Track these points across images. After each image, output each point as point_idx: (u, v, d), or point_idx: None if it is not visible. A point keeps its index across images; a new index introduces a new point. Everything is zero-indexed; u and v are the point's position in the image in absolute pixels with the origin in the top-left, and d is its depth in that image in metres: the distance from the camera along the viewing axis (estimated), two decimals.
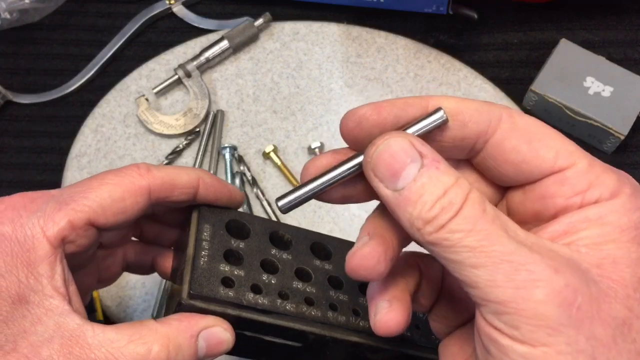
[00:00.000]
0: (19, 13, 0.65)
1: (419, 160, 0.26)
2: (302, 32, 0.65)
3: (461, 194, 0.25)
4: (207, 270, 0.35)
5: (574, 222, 0.26)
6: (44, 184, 0.61)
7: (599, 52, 0.61)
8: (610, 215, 0.26)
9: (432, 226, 0.25)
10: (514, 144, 0.28)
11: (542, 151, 0.27)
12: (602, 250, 0.25)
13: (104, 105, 0.63)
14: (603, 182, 0.27)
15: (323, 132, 0.61)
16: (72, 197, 0.32)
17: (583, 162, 0.27)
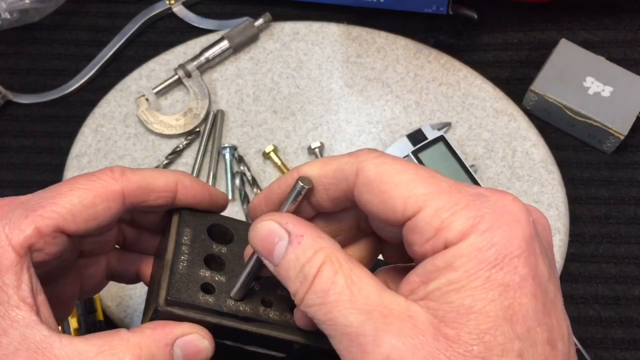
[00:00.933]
0: (19, 13, 0.65)
1: (286, 237, 0.28)
2: (302, 32, 0.65)
3: (314, 267, 0.27)
4: (186, 276, 0.33)
5: (427, 272, 0.26)
6: (44, 184, 0.60)
7: (598, 52, 0.61)
8: (457, 260, 0.26)
9: (296, 299, 0.28)
10: (367, 199, 0.28)
11: (389, 203, 0.27)
12: (448, 301, 0.26)
13: (104, 105, 0.63)
14: (451, 225, 0.26)
15: (323, 132, 0.61)
16: (40, 203, 0.31)
17: (429, 208, 0.26)
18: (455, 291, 0.25)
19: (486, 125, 0.60)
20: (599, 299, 0.55)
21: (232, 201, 0.58)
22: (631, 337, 0.53)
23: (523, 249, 0.26)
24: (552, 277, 0.27)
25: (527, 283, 0.26)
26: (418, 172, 0.28)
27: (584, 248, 0.57)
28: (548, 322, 0.26)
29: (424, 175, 0.28)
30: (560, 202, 0.57)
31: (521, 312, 0.25)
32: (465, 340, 0.25)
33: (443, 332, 0.25)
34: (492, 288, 0.25)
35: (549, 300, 0.26)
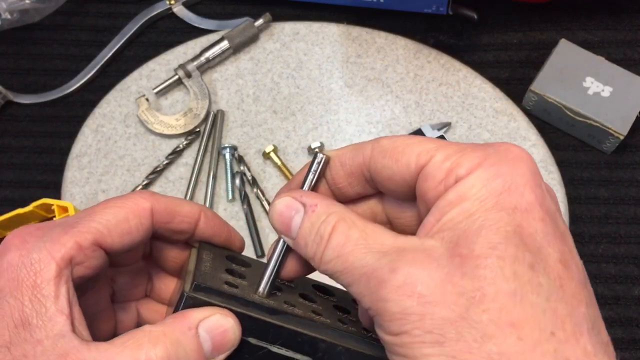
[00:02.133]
0: (20, 13, 0.65)
1: (302, 210, 0.30)
2: (302, 32, 0.65)
3: (329, 226, 0.29)
4: (210, 274, 0.34)
5: (440, 207, 0.28)
6: (44, 184, 0.61)
7: (598, 52, 0.61)
8: (468, 190, 0.27)
9: (315, 263, 0.29)
10: (382, 164, 0.30)
11: (404, 160, 0.29)
12: (461, 227, 0.27)
13: (105, 106, 0.63)
14: (460, 164, 0.28)
15: (323, 132, 0.61)
16: (78, 221, 0.33)
17: (440, 154, 0.28)
18: (468, 217, 0.27)
19: (486, 125, 0.60)
20: (598, 299, 0.54)
21: (232, 201, 0.58)
22: (631, 337, 0.53)
23: (528, 179, 0.27)
24: (561, 217, 0.28)
25: (534, 207, 0.27)
26: (426, 137, 0.30)
27: (584, 248, 0.57)
28: (559, 245, 0.27)
29: (432, 139, 0.30)
30: (560, 202, 0.57)
31: (530, 231, 0.26)
32: (478, 254, 0.26)
33: (458, 252, 0.26)
34: (502, 209, 0.26)
35: (559, 229, 0.27)
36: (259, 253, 0.56)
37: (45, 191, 0.61)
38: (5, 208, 0.58)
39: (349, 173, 0.32)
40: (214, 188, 0.59)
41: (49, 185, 0.61)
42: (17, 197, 0.60)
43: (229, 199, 0.58)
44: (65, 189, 0.60)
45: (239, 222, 0.58)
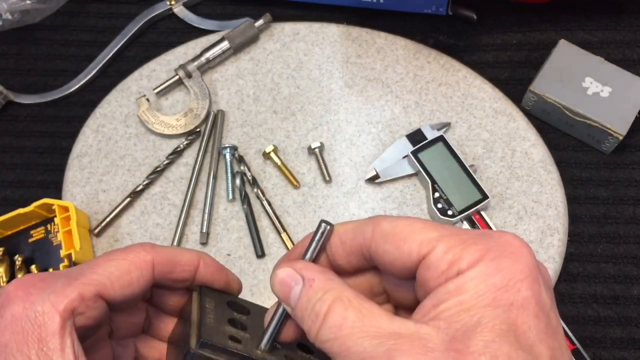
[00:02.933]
0: (21, 14, 0.65)
1: (301, 282, 0.31)
2: (302, 32, 0.65)
3: (325, 306, 0.30)
4: (215, 328, 0.35)
5: (439, 295, 0.29)
6: (45, 184, 0.61)
7: (597, 52, 0.61)
8: (467, 283, 0.28)
9: (311, 337, 0.30)
10: (384, 249, 0.31)
11: (406, 247, 0.30)
12: (458, 320, 0.28)
13: (105, 106, 0.63)
14: (462, 257, 0.29)
15: (323, 132, 0.61)
16: (81, 272, 0.34)
17: (442, 245, 0.29)
18: (465, 311, 0.28)
19: (485, 126, 0.60)
20: (597, 299, 0.55)
21: (232, 201, 0.59)
22: (630, 337, 0.54)
23: (526, 275, 0.28)
24: (554, 310, 0.29)
25: (530, 304, 0.28)
26: (426, 223, 0.31)
27: (583, 248, 0.57)
28: (551, 342, 0.28)
29: (433, 224, 0.31)
30: (559, 202, 0.57)
31: (524, 328, 0.28)
32: (473, 351, 0.27)
33: (453, 347, 0.27)
34: (499, 306, 0.28)
35: (551, 325, 0.29)
36: (259, 253, 0.56)
37: (46, 191, 0.61)
38: (6, 208, 0.58)
39: (349, 252, 0.33)
40: (214, 188, 0.59)
41: (50, 185, 0.61)
42: (18, 197, 0.61)
43: (229, 199, 0.58)
44: (66, 189, 0.60)
45: (239, 222, 0.58)
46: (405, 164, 0.59)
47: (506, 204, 0.57)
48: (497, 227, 0.56)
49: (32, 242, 0.57)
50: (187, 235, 0.57)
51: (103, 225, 0.57)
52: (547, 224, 0.56)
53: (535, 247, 0.56)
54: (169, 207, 0.59)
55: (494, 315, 0.27)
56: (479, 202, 0.56)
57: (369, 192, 0.59)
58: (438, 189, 0.57)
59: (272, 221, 0.57)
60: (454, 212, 0.56)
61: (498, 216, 0.57)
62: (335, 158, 0.60)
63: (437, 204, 0.56)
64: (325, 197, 0.59)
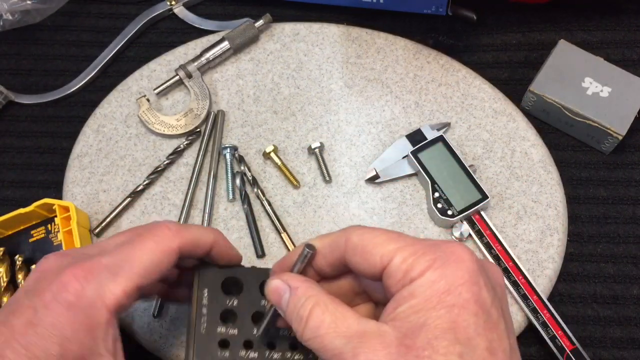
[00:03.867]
0: (21, 14, 0.65)
1: (288, 290, 0.38)
2: (302, 33, 0.65)
3: (306, 310, 0.36)
4: (206, 336, 0.42)
5: (396, 299, 0.34)
6: (45, 184, 0.61)
7: (597, 52, 0.61)
8: (417, 289, 0.34)
9: (298, 336, 0.36)
10: (354, 260, 0.37)
11: (371, 260, 0.36)
12: (410, 320, 0.33)
13: (106, 106, 0.63)
14: (413, 267, 0.34)
15: (323, 132, 0.61)
16: (122, 267, 0.39)
17: (398, 257, 0.35)
18: (415, 313, 0.33)
19: (485, 126, 0.61)
20: (597, 299, 0.55)
21: (232, 201, 0.59)
22: (629, 336, 0.54)
23: (466, 279, 0.34)
24: (496, 306, 0.34)
25: (469, 304, 0.33)
26: (388, 234, 0.36)
27: (583, 248, 0.57)
28: (489, 335, 0.33)
29: (393, 236, 0.36)
30: (559, 202, 0.57)
31: (462, 325, 0.33)
32: (419, 346, 0.32)
33: (404, 343, 0.33)
34: (441, 308, 0.33)
35: (490, 320, 0.34)
36: (259, 253, 0.56)
37: (46, 191, 0.61)
38: (6, 208, 0.58)
39: (329, 263, 0.39)
40: (214, 188, 0.59)
41: (50, 185, 0.61)
42: (19, 197, 0.61)
43: (230, 198, 0.58)
44: (66, 189, 0.60)
45: (239, 222, 0.58)
46: (405, 164, 0.59)
47: (506, 204, 0.58)
48: (497, 227, 0.56)
49: (33, 242, 0.57)
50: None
51: (103, 225, 0.58)
52: (547, 224, 0.57)
53: (535, 247, 0.56)
54: (169, 207, 0.59)
55: (437, 316, 0.33)
56: (478, 202, 0.56)
57: (369, 192, 0.59)
58: (438, 189, 0.57)
59: (272, 221, 0.57)
60: (454, 212, 0.56)
61: (498, 216, 0.57)
62: (335, 158, 0.60)
63: (437, 203, 0.56)
64: (325, 197, 0.59)
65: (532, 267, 0.55)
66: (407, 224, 0.57)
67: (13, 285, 0.55)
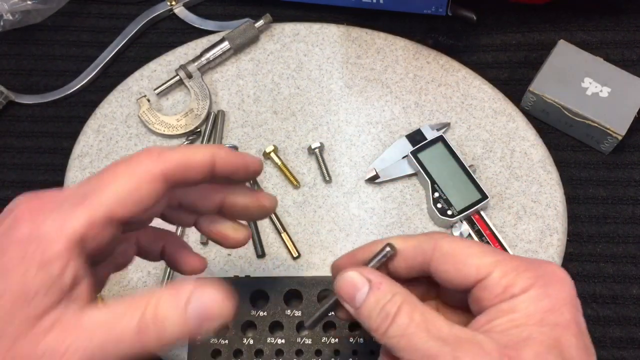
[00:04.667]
0: (22, 14, 0.65)
1: (367, 285, 0.35)
2: (302, 33, 0.66)
3: (395, 307, 0.34)
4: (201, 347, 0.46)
5: (493, 312, 0.34)
6: (46, 184, 0.61)
7: (596, 53, 0.61)
8: (519, 305, 0.33)
9: (378, 334, 0.34)
10: (443, 268, 0.36)
11: (465, 270, 0.35)
12: (510, 333, 0.33)
13: (106, 106, 0.63)
14: (515, 283, 0.34)
15: (323, 133, 0.61)
16: (87, 194, 0.32)
17: (498, 271, 0.34)
18: (515, 327, 0.33)
19: (485, 126, 0.61)
20: (597, 298, 0.55)
21: None
22: (629, 336, 0.54)
23: (568, 301, 0.34)
24: (588, 334, 0.34)
25: (571, 325, 0.33)
26: (483, 247, 0.36)
27: (582, 247, 0.57)
28: (586, 357, 0.33)
29: (489, 249, 0.36)
30: (559, 202, 0.58)
31: (566, 345, 0.33)
32: (525, 358, 0.32)
33: (506, 352, 0.32)
34: (544, 325, 0.33)
35: (588, 345, 0.34)
36: (259, 253, 0.56)
37: None
38: None
39: (410, 266, 0.37)
40: None
41: (51, 186, 0.61)
42: None
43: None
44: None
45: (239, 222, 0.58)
46: (405, 164, 0.59)
47: (505, 203, 0.58)
48: (497, 227, 0.56)
49: None
50: (187, 235, 0.58)
51: None
52: (547, 224, 0.57)
53: (534, 247, 0.56)
54: None
55: (541, 332, 0.32)
56: (478, 202, 0.56)
57: (368, 192, 0.59)
58: (438, 189, 0.57)
59: (272, 221, 0.58)
60: (454, 212, 0.56)
61: (497, 216, 0.57)
62: (335, 158, 0.60)
63: (437, 203, 0.56)
64: (325, 197, 0.59)
65: None
66: (407, 224, 0.57)
67: None
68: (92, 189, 0.33)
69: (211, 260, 0.56)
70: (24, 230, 0.31)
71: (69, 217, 0.31)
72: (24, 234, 0.31)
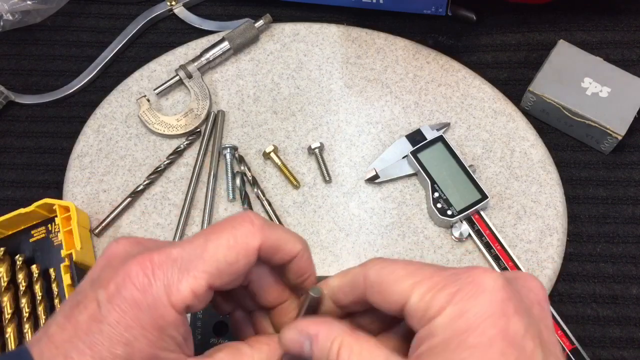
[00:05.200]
0: (22, 14, 0.65)
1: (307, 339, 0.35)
2: (302, 33, 0.66)
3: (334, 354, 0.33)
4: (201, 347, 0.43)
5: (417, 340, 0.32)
6: (46, 184, 0.61)
7: (596, 53, 0.61)
8: (436, 330, 0.31)
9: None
10: (373, 299, 0.35)
11: (388, 298, 0.34)
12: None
13: (106, 106, 0.63)
14: (432, 304, 0.31)
15: (323, 133, 0.61)
16: (192, 261, 0.34)
17: (415, 294, 0.32)
18: (435, 354, 0.31)
19: (485, 126, 0.61)
20: (596, 298, 0.55)
21: (232, 201, 0.59)
22: (629, 336, 0.54)
23: (490, 313, 0.30)
24: (530, 335, 0.31)
25: (495, 342, 0.30)
26: (407, 267, 0.34)
27: (582, 247, 0.57)
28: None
29: (412, 269, 0.33)
30: (558, 202, 0.58)
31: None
32: None
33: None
34: (462, 351, 0.30)
35: (524, 355, 0.30)
36: None
37: (46, 191, 0.61)
38: (7, 208, 0.58)
39: (353, 302, 0.36)
40: (214, 188, 0.59)
41: (51, 185, 0.61)
42: (19, 197, 0.61)
43: (230, 198, 0.59)
44: (66, 189, 0.60)
45: None
46: (405, 164, 0.59)
47: (505, 203, 0.58)
48: (496, 227, 0.56)
49: (33, 241, 0.57)
50: (187, 235, 0.58)
51: (104, 225, 0.58)
52: (546, 224, 0.57)
53: (534, 247, 0.56)
54: (169, 207, 0.59)
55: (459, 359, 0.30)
56: (478, 202, 0.56)
57: (368, 192, 0.59)
58: (437, 189, 0.57)
59: (272, 221, 0.58)
60: (454, 212, 0.56)
61: (497, 216, 0.57)
62: (335, 158, 0.60)
63: (437, 203, 0.56)
64: (325, 197, 0.59)
65: (531, 267, 0.55)
66: (406, 224, 0.57)
67: (13, 285, 0.55)
68: (197, 255, 0.35)
69: None
70: (137, 293, 0.33)
71: (175, 285, 0.34)
72: (137, 296, 0.33)
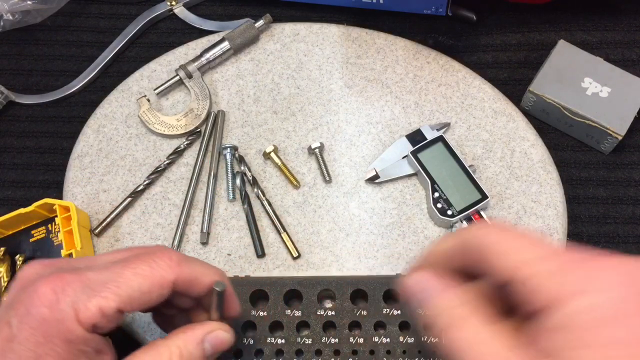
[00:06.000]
0: (22, 14, 0.65)
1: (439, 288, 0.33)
2: (302, 33, 0.66)
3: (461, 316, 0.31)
4: None
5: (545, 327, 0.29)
6: (46, 184, 0.61)
7: (596, 53, 0.61)
8: (572, 318, 0.28)
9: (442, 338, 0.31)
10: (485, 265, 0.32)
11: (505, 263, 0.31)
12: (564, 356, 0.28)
13: (106, 106, 0.63)
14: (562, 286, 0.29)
15: (323, 133, 0.61)
16: (105, 285, 0.36)
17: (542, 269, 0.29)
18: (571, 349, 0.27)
19: (485, 126, 0.61)
20: None
21: (232, 201, 0.59)
22: None
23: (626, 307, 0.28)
24: None
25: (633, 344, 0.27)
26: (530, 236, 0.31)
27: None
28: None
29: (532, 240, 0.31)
30: (559, 202, 0.58)
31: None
32: None
33: None
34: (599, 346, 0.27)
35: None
36: (259, 252, 0.56)
37: (47, 191, 0.61)
38: (7, 208, 0.58)
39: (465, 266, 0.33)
40: (214, 188, 0.59)
41: (51, 185, 0.61)
42: (19, 197, 0.61)
43: (230, 198, 0.59)
44: (66, 188, 0.60)
45: (240, 222, 0.58)
46: (405, 164, 0.59)
47: (505, 203, 0.58)
48: None
49: (33, 241, 0.57)
50: (187, 235, 0.58)
51: (104, 225, 0.58)
52: (547, 224, 0.57)
53: None
54: (169, 207, 0.59)
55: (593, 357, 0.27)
56: (478, 202, 0.56)
57: (368, 192, 0.59)
58: (437, 189, 0.57)
59: (272, 221, 0.58)
60: (454, 212, 0.56)
61: (497, 216, 0.57)
62: (335, 158, 0.60)
63: (437, 203, 0.56)
64: (325, 197, 0.59)
65: None
66: (407, 224, 0.57)
67: None
68: (111, 279, 0.37)
69: (211, 260, 0.56)
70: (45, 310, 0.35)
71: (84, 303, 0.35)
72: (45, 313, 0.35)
